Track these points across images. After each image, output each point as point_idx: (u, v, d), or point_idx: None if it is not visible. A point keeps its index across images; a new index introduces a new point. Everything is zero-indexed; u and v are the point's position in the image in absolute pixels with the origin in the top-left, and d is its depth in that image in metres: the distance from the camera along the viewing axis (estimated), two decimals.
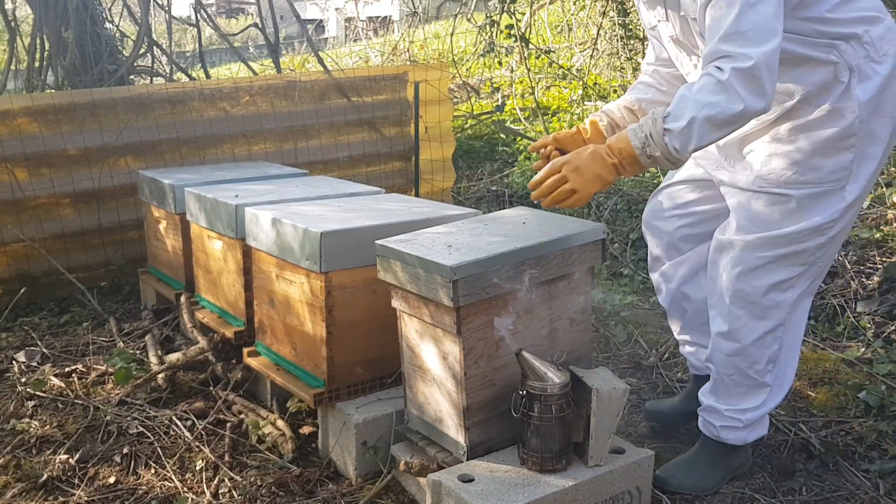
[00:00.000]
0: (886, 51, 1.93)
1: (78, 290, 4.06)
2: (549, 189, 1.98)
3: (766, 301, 2.10)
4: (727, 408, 2.25)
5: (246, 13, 23.09)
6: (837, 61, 1.92)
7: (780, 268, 2.07)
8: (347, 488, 2.39)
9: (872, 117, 1.94)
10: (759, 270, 2.08)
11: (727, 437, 2.29)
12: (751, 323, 2.13)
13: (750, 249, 2.08)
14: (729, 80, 1.74)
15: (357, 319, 2.47)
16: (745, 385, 2.21)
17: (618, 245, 4.60)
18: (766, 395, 2.22)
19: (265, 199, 2.97)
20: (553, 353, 2.21)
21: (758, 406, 2.23)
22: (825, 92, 1.94)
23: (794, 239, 2.03)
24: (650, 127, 1.85)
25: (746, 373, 2.19)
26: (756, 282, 2.09)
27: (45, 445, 2.68)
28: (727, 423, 2.27)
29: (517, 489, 1.97)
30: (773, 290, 2.09)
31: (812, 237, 2.02)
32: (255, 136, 4.67)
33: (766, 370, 2.18)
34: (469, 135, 7.17)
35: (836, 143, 1.95)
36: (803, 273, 2.09)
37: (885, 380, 2.87)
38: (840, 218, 2.02)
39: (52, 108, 4.09)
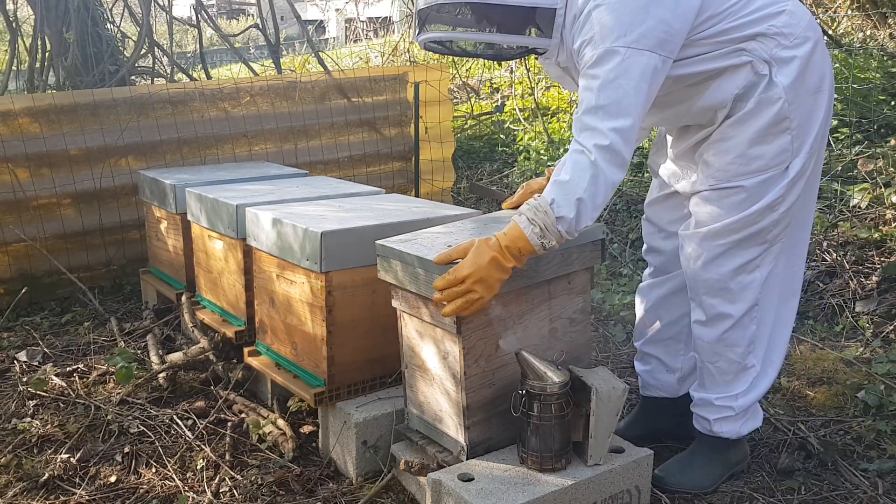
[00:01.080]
0: (798, 34, 2.02)
1: (79, 289, 4.07)
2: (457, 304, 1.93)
3: (734, 285, 2.16)
4: (717, 396, 2.27)
5: (246, 14, 23.10)
6: (750, 59, 2.02)
7: (741, 251, 2.13)
8: (348, 487, 2.40)
9: (800, 97, 2.03)
10: (722, 257, 2.15)
11: (722, 431, 2.30)
12: (725, 308, 2.18)
13: (710, 239, 2.15)
14: (596, 161, 1.88)
15: (357, 319, 2.47)
16: (731, 371, 2.24)
17: (617, 245, 4.61)
18: (752, 377, 2.24)
19: (266, 200, 2.98)
20: (552, 352, 2.22)
21: (746, 390, 2.25)
22: (752, 88, 2.03)
23: (748, 221, 2.09)
24: (542, 219, 1.90)
25: (729, 357, 2.22)
26: (720, 269, 2.16)
27: (46, 445, 2.69)
28: (720, 415, 2.28)
29: (517, 488, 1.97)
30: (740, 273, 2.15)
31: (765, 215, 2.09)
32: (256, 137, 4.68)
33: (747, 352, 2.22)
34: (469, 135, 7.18)
35: (772, 129, 2.03)
36: (766, 252, 2.15)
37: (884, 379, 2.87)
38: (787, 193, 2.09)
39: (54, 109, 4.11)
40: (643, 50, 1.89)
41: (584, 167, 1.90)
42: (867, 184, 4.00)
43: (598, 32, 1.92)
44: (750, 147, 2.06)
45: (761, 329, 2.23)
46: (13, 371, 3.28)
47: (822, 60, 2.06)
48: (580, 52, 1.98)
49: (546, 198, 1.92)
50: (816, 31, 2.06)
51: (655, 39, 1.91)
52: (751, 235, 2.12)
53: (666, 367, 2.53)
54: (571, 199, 1.89)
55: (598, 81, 1.90)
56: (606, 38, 1.90)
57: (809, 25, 2.04)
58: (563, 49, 2.09)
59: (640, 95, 1.90)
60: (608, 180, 1.91)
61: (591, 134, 1.90)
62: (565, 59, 2.12)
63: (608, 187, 1.92)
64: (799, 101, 2.03)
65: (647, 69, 1.90)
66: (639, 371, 2.59)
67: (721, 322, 2.20)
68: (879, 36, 6.25)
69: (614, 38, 1.89)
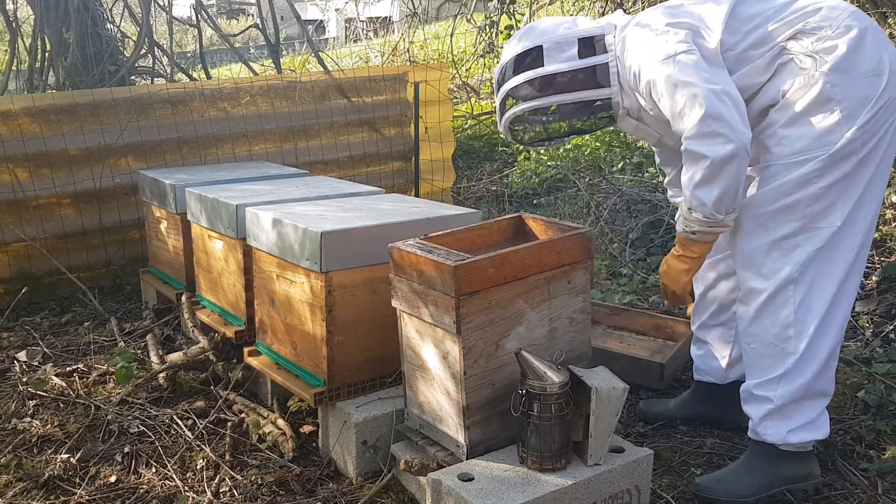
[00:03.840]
0: (837, 25, 2.05)
1: (79, 289, 4.07)
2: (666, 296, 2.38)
3: (767, 260, 2.14)
4: (755, 382, 2.21)
5: (246, 14, 23.09)
6: (792, 56, 2.09)
7: (777, 224, 2.11)
8: (348, 487, 2.40)
9: (848, 80, 2.03)
10: (757, 229, 2.15)
11: (766, 434, 2.20)
12: (755, 283, 2.16)
13: (746, 209, 2.16)
14: (688, 149, 2.06)
15: (357, 319, 2.48)
16: (767, 355, 2.17)
17: (617, 245, 4.60)
18: (790, 364, 2.13)
19: (266, 200, 2.98)
20: (552, 352, 2.22)
21: (784, 377, 2.14)
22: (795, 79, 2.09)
23: (782, 192, 2.09)
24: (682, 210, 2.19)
25: (763, 339, 2.17)
26: (754, 241, 2.16)
27: (46, 445, 2.69)
28: (762, 410, 2.19)
29: (517, 488, 1.97)
30: (774, 249, 2.12)
31: (798, 188, 2.07)
32: (256, 137, 4.68)
33: (783, 335, 2.13)
34: (469, 135, 7.18)
35: (816, 110, 2.05)
36: (803, 230, 2.09)
37: (884, 379, 2.87)
38: (826, 168, 2.04)
39: (54, 109, 4.11)
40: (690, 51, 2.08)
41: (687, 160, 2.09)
42: None
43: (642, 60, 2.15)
44: (793, 128, 2.07)
45: (802, 315, 2.12)
46: (13, 371, 3.28)
47: (875, 46, 2.05)
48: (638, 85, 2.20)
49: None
50: (862, 20, 2.07)
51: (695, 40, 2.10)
52: (786, 207, 2.09)
53: (716, 354, 2.58)
54: (688, 191, 2.11)
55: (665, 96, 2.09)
56: (651, 60, 2.12)
57: (854, 15, 2.07)
58: (625, 95, 2.27)
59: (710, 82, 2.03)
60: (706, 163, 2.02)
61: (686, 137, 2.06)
62: (631, 103, 2.28)
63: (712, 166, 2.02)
64: (848, 84, 2.02)
65: (699, 63, 2.06)
66: (693, 354, 2.67)
67: (752, 298, 2.18)
68: None
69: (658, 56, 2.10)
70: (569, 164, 6.01)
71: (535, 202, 5.66)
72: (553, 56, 2.27)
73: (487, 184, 6.17)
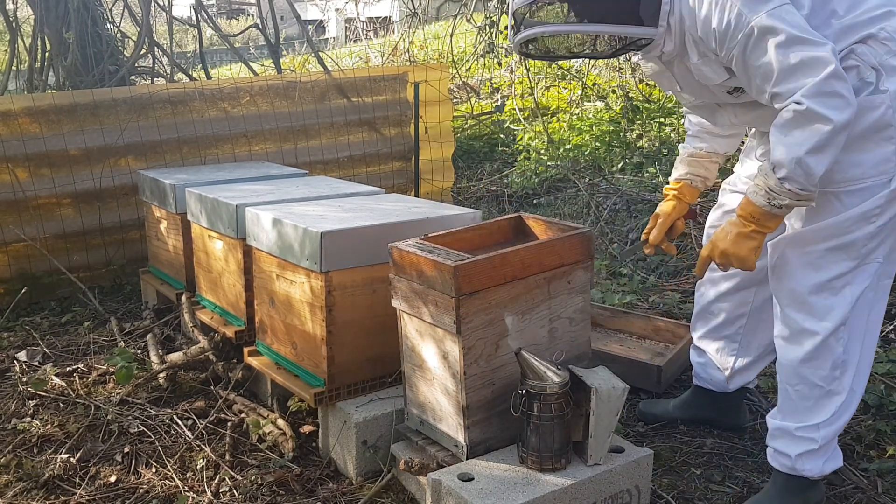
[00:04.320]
0: None
1: (79, 289, 4.07)
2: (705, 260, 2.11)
3: (819, 300, 2.01)
4: (798, 425, 2.10)
5: (246, 14, 23.08)
6: (858, 64, 1.91)
7: (830, 263, 1.98)
8: (348, 487, 2.40)
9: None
10: (807, 268, 2.01)
11: (804, 469, 2.11)
12: (809, 324, 2.03)
13: (797, 245, 2.02)
14: (809, 108, 1.79)
15: (357, 319, 2.48)
16: (813, 396, 2.07)
17: (617, 245, 4.61)
18: (836, 406, 2.06)
19: (265, 200, 2.98)
20: (552, 352, 2.22)
21: (829, 419, 2.07)
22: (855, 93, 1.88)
23: (839, 229, 1.95)
24: (765, 183, 1.91)
25: (811, 380, 2.05)
26: (806, 280, 2.01)
27: (46, 445, 2.69)
28: (803, 449, 2.10)
29: (517, 488, 1.97)
30: (825, 289, 2.00)
31: (859, 226, 1.94)
32: (256, 137, 4.68)
33: (832, 376, 2.04)
34: (469, 135, 7.19)
35: (873, 136, 1.91)
36: (857, 269, 1.98)
37: (884, 379, 2.87)
38: (887, 205, 1.93)
39: (54, 109, 4.11)
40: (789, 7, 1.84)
41: (796, 122, 1.83)
42: None
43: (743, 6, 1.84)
44: (847, 153, 1.90)
45: (849, 353, 2.05)
46: (13, 371, 3.28)
47: None
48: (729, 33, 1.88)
49: (769, 162, 1.90)
50: None
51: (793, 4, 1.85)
52: (842, 246, 1.96)
53: (717, 365, 2.53)
54: (789, 158, 1.84)
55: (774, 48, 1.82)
56: (755, 9, 1.84)
57: None
58: (670, 38, 1.99)
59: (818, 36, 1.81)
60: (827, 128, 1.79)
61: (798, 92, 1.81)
62: (672, 48, 2.01)
63: (830, 134, 1.80)
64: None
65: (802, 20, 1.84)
66: (692, 361, 2.61)
67: (804, 339, 2.04)
68: None
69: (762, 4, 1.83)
70: (569, 164, 6.02)
71: (535, 202, 5.66)
72: None
73: (487, 184, 6.17)
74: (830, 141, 1.81)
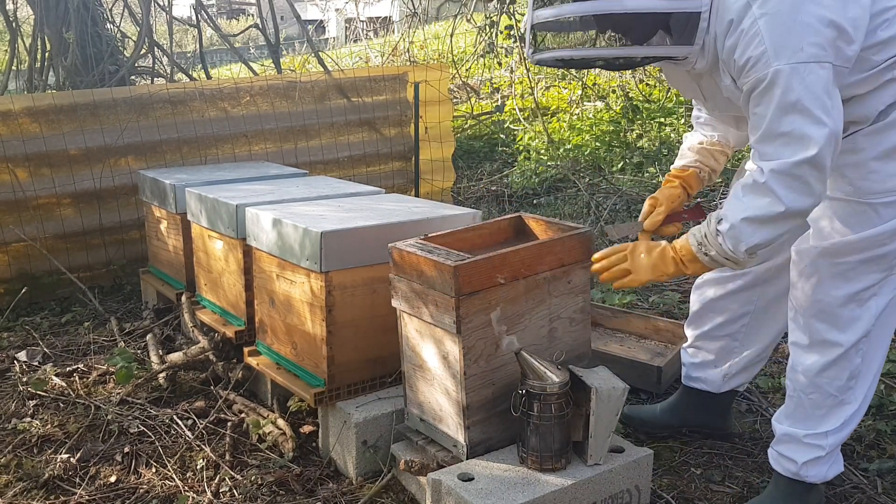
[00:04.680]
0: None
1: (79, 289, 4.07)
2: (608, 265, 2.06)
3: (846, 312, 1.96)
4: (807, 433, 2.07)
5: (246, 14, 23.09)
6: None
7: (861, 275, 1.93)
8: (348, 487, 2.40)
9: None
10: (838, 279, 1.95)
11: (809, 475, 2.09)
12: (833, 336, 1.99)
13: (829, 256, 1.95)
14: (767, 183, 1.76)
15: (357, 319, 2.48)
16: (826, 405, 2.04)
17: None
18: (847, 415, 2.05)
19: (266, 200, 2.98)
20: (552, 352, 2.22)
21: (838, 427, 2.05)
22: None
23: (874, 242, 1.89)
24: (706, 228, 1.90)
25: (827, 390, 2.03)
26: (835, 291, 1.96)
27: (46, 445, 2.69)
28: (810, 456, 2.08)
29: (517, 488, 1.97)
30: (854, 301, 1.96)
31: (893, 239, 1.89)
32: (256, 137, 4.68)
33: (847, 387, 2.02)
34: (469, 135, 7.19)
35: None
36: (885, 280, 1.95)
37: (884, 379, 2.87)
38: None
39: (54, 109, 4.11)
40: (823, 62, 1.70)
41: (754, 189, 1.79)
42: None
43: (770, 47, 1.71)
44: (885, 162, 1.84)
45: (867, 364, 2.02)
46: (13, 371, 3.28)
47: None
48: (746, 69, 1.78)
49: (719, 212, 1.88)
50: None
51: (833, 49, 1.71)
52: (874, 259, 1.91)
53: (715, 364, 2.48)
54: (731, 217, 1.82)
55: (774, 105, 1.73)
56: (781, 55, 1.71)
57: None
58: (702, 56, 1.88)
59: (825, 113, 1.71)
60: (778, 209, 1.76)
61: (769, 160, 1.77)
62: (704, 65, 1.90)
63: (779, 216, 1.77)
64: None
65: (828, 83, 1.71)
66: (685, 361, 2.55)
67: (827, 350, 2.00)
68: None
69: (790, 54, 1.70)
70: (569, 164, 6.02)
71: (535, 202, 5.66)
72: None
73: (487, 184, 6.17)
74: (776, 221, 1.78)
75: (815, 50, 1.69)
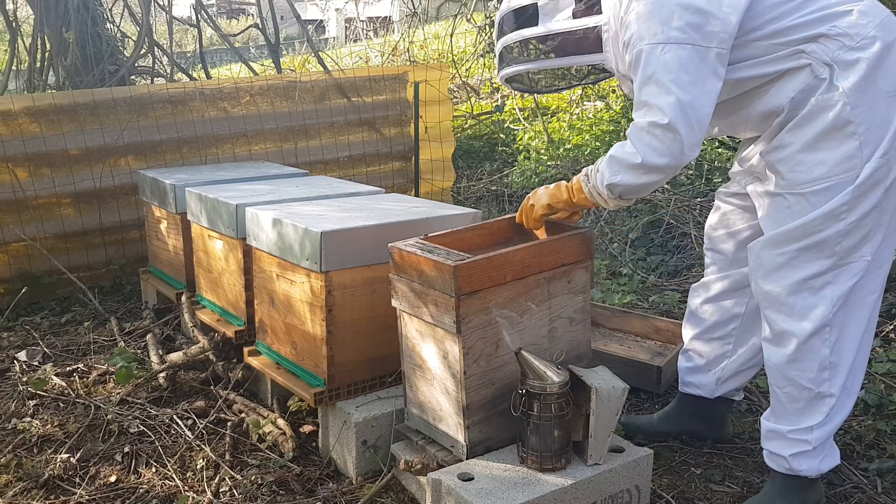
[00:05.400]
0: (865, 34, 1.90)
1: (79, 289, 4.07)
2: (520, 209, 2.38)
3: (798, 300, 2.01)
4: (790, 428, 2.09)
5: (246, 14, 23.10)
6: (809, 62, 1.93)
7: (804, 262, 1.99)
8: (348, 487, 2.40)
9: (868, 100, 1.89)
10: (783, 268, 2.02)
11: (800, 467, 2.10)
12: (788, 325, 2.03)
13: (769, 247, 2.03)
14: (629, 135, 2.02)
15: (357, 319, 2.48)
16: (802, 398, 2.06)
17: (617, 245, 4.61)
18: (828, 408, 2.05)
19: (266, 199, 2.98)
20: (552, 352, 2.22)
21: (822, 422, 2.05)
22: (809, 92, 1.93)
23: (809, 228, 1.96)
24: (594, 165, 2.17)
25: (799, 382, 2.05)
26: (782, 281, 2.02)
27: (46, 444, 2.69)
28: (797, 450, 2.09)
29: (517, 488, 1.97)
30: (804, 289, 2.00)
31: (827, 224, 1.94)
32: (256, 136, 4.68)
33: (820, 378, 2.03)
34: (469, 135, 7.19)
35: (834, 134, 1.91)
36: (834, 268, 1.98)
37: (884, 379, 2.87)
38: (855, 201, 1.92)
39: (54, 109, 4.11)
40: (683, 44, 1.91)
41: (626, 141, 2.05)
42: None
43: (636, 32, 1.98)
44: (809, 153, 1.93)
45: (840, 355, 2.02)
46: (13, 371, 3.28)
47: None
48: (625, 51, 2.05)
49: None
50: (891, 32, 1.91)
51: (697, 31, 1.91)
52: (814, 245, 1.96)
53: (708, 367, 2.49)
54: (607, 155, 2.09)
55: (638, 78, 1.99)
56: (643, 37, 1.96)
57: (882, 25, 1.91)
58: (621, 60, 2.11)
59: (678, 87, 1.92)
60: (636, 160, 1.99)
61: (634, 122, 2.01)
62: (626, 68, 2.11)
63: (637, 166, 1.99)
64: (867, 105, 1.89)
65: (687, 62, 1.91)
66: (680, 367, 2.57)
67: (785, 341, 2.04)
68: None
69: (650, 37, 1.95)
70: (569, 163, 6.02)
71: None
72: (548, 15, 2.16)
73: (487, 184, 6.17)
74: (634, 170, 2.01)
75: (675, 33, 1.92)
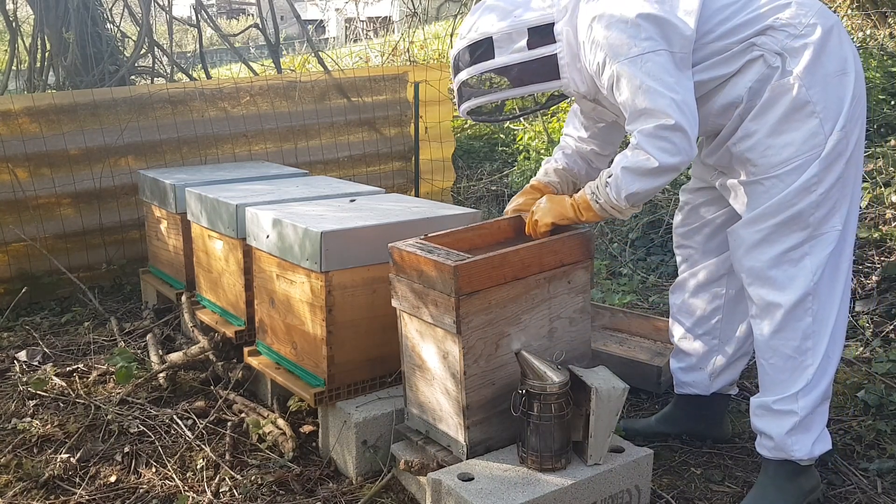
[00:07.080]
0: (808, 22, 2.03)
1: (79, 289, 4.07)
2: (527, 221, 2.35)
3: (780, 273, 2.10)
4: (776, 398, 2.15)
5: (246, 14, 23.10)
6: (762, 53, 2.05)
7: (782, 237, 2.09)
8: (348, 487, 2.40)
9: (820, 80, 2.02)
10: (762, 244, 2.12)
11: (793, 447, 2.14)
12: (773, 297, 2.11)
13: (748, 226, 2.13)
14: (640, 144, 2.03)
15: (357, 319, 2.48)
16: (787, 368, 2.13)
17: (617, 245, 4.61)
18: (809, 375, 2.11)
19: (266, 199, 2.98)
20: (552, 352, 2.22)
21: (806, 387, 2.11)
22: (765, 81, 2.06)
23: (784, 204, 2.06)
24: (598, 181, 2.17)
25: (783, 352, 2.12)
26: (762, 255, 2.12)
27: (46, 444, 2.69)
28: (786, 425, 2.13)
29: (517, 488, 1.97)
30: (784, 262, 2.09)
31: (800, 197, 2.04)
32: (256, 136, 4.68)
33: (804, 347, 2.11)
34: (469, 135, 7.18)
35: (795, 115, 2.03)
36: (810, 239, 2.07)
37: (884, 379, 2.87)
38: (823, 172, 2.03)
39: (54, 109, 4.11)
40: (658, 51, 2.01)
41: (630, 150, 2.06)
42: (867, 183, 4.00)
43: (608, 53, 2.05)
44: (776, 136, 2.05)
45: (820, 324, 2.11)
46: (13, 371, 3.28)
47: (840, 45, 2.04)
48: (600, 73, 2.10)
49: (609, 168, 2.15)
50: (828, 18, 2.05)
51: (663, 38, 2.02)
52: (789, 219, 2.06)
53: (699, 365, 2.52)
54: (618, 167, 2.09)
55: (628, 92, 2.03)
56: (618, 55, 2.03)
57: (819, 13, 2.05)
58: (581, 82, 2.19)
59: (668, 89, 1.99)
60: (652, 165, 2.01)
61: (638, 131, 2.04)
62: (586, 89, 2.21)
63: (653, 170, 2.02)
64: (820, 85, 2.01)
65: (667, 65, 2.01)
66: (672, 369, 2.60)
67: (772, 312, 2.12)
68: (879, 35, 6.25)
69: (625, 52, 2.02)
70: None
71: None
72: (504, 48, 2.18)
73: (487, 184, 6.17)
74: (651, 175, 2.04)
75: (647, 44, 2.01)
